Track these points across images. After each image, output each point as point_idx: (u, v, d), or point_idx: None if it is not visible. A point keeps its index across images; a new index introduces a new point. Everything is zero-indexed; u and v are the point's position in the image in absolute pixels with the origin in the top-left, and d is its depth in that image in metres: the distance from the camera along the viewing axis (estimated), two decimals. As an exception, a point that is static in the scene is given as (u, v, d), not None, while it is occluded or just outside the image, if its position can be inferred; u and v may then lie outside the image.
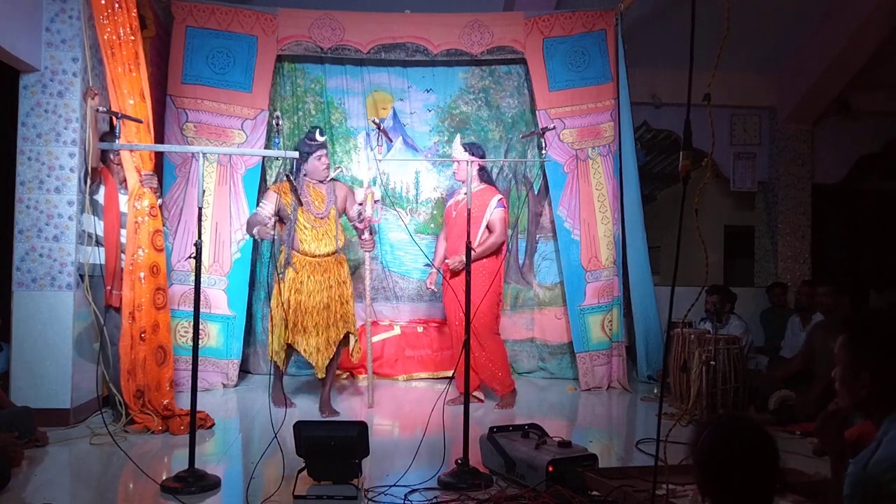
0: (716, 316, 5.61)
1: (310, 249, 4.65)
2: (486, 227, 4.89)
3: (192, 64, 5.50)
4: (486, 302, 4.69)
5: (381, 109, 6.17)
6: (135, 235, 4.21)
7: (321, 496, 3.04)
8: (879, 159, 8.01)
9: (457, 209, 4.96)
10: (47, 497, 3.01)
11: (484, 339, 4.86)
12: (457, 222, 4.87)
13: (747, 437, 1.67)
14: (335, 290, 4.68)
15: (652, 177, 9.82)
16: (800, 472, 2.95)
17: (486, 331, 4.87)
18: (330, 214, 4.72)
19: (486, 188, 5.03)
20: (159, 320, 4.28)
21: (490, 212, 4.88)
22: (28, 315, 4.23)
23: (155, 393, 4.19)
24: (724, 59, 2.38)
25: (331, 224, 4.71)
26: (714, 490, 1.67)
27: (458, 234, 4.77)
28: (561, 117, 5.81)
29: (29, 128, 4.31)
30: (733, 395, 4.64)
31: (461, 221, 4.63)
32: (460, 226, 4.65)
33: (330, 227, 4.70)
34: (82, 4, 4.31)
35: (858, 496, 1.67)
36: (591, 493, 2.95)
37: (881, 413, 1.74)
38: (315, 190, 4.74)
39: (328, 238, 4.69)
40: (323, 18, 5.76)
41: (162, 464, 3.62)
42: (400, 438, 4.23)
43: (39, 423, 3.84)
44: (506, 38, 5.86)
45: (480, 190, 4.94)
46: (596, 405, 5.37)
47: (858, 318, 1.86)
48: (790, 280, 7.45)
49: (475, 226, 4.79)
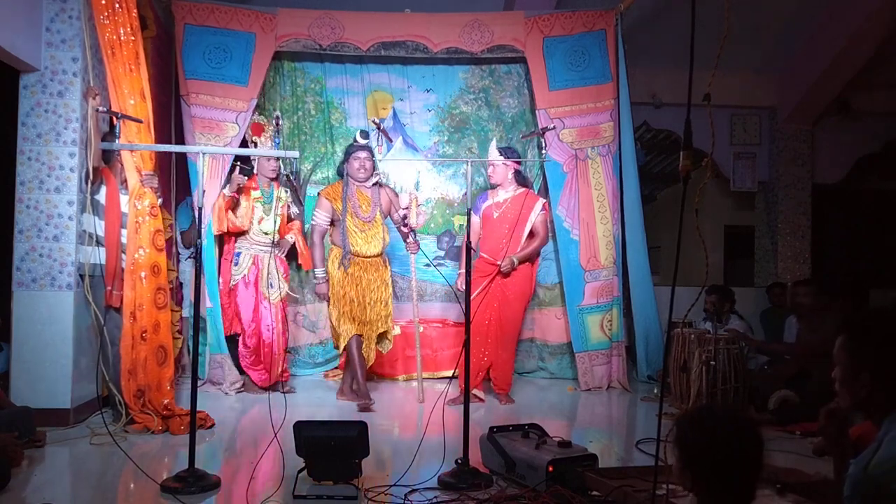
0: (715, 316, 5.61)
1: (361, 251, 4.98)
2: (530, 232, 5.06)
3: (188, 60, 5.49)
4: (521, 306, 5.10)
5: (381, 109, 6.17)
6: (135, 235, 4.21)
7: (321, 496, 3.04)
8: (879, 159, 8.00)
9: (499, 211, 5.09)
10: (47, 497, 3.00)
11: (510, 341, 5.14)
12: (497, 224, 5.05)
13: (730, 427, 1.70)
14: (380, 291, 5.04)
15: (652, 177, 9.82)
16: (800, 472, 2.94)
17: (514, 333, 5.18)
18: (375, 218, 5.01)
19: (527, 191, 5.18)
20: (160, 320, 4.28)
21: (535, 216, 5.05)
22: (28, 315, 4.23)
23: (155, 393, 4.19)
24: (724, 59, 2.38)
25: (377, 227, 5.01)
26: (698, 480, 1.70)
27: (501, 234, 5.00)
28: (561, 117, 5.81)
29: (29, 128, 4.31)
30: (733, 395, 4.64)
31: (502, 223, 5.01)
32: (502, 228, 4.99)
33: (376, 229, 5.00)
34: (82, 4, 4.30)
35: (859, 497, 1.67)
36: (591, 493, 2.95)
37: (881, 413, 1.74)
38: (361, 194, 5.01)
39: (376, 240, 5.00)
40: (322, 18, 5.76)
41: (162, 464, 3.61)
42: (400, 438, 4.23)
43: (39, 423, 3.83)
44: (506, 38, 5.87)
45: (521, 193, 5.08)
46: (596, 405, 5.37)
47: (858, 318, 1.86)
48: (790, 280, 7.44)
49: (519, 228, 5.01)
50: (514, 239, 4.96)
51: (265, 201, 5.25)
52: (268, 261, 5.16)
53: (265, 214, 5.23)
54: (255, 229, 5.22)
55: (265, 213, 5.23)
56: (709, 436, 1.69)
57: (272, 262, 5.18)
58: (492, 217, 5.11)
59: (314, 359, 6.08)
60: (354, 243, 4.95)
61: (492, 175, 5.14)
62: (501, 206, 5.08)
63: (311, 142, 6.14)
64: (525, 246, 5.01)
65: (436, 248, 6.22)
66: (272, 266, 5.18)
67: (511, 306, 5.06)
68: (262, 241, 5.22)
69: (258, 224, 5.21)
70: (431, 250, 6.19)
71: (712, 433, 1.69)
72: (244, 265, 5.22)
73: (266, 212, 5.24)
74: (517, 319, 5.15)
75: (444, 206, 6.26)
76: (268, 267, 5.15)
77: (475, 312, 4.59)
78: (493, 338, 5.07)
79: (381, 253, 5.07)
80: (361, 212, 4.97)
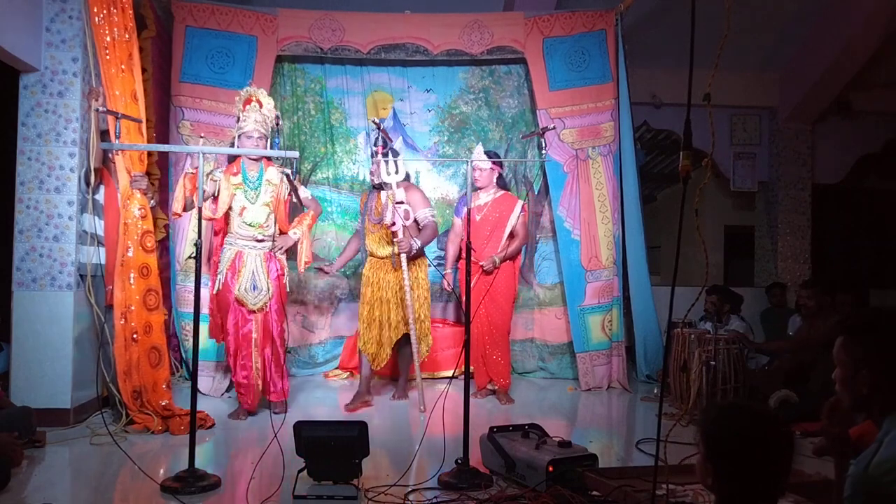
0: (715, 316, 5.62)
1: (375, 252, 4.99)
2: (510, 233, 5.17)
3: (190, 63, 5.50)
4: (507, 304, 5.19)
5: (381, 109, 6.17)
6: (124, 236, 4.20)
7: (321, 496, 3.04)
8: (879, 159, 8.01)
9: (481, 213, 5.19)
10: (47, 497, 3.00)
11: (501, 338, 5.20)
12: (481, 226, 5.15)
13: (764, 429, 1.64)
14: (399, 293, 4.90)
15: (652, 177, 9.83)
16: (800, 472, 2.94)
17: (505, 330, 5.25)
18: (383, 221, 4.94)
19: (506, 194, 5.34)
20: (152, 321, 4.28)
21: (515, 218, 5.16)
22: (28, 315, 4.24)
23: (152, 394, 4.19)
24: (724, 59, 2.38)
25: (385, 229, 4.91)
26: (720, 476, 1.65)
27: (483, 237, 5.11)
28: (561, 117, 5.81)
29: (29, 128, 4.31)
30: (733, 395, 4.64)
31: (484, 225, 5.15)
32: (483, 230, 5.13)
33: (386, 231, 4.91)
34: (82, 4, 4.30)
35: (859, 497, 1.66)
36: (591, 493, 2.95)
37: (882, 413, 1.74)
38: (378, 197, 4.99)
39: (385, 241, 4.94)
40: (323, 19, 5.76)
41: (162, 464, 3.61)
42: (400, 438, 4.22)
43: (39, 423, 3.83)
44: (506, 38, 5.86)
45: (501, 196, 5.26)
46: (596, 405, 5.37)
47: (858, 317, 1.86)
48: (790, 280, 7.45)
49: (499, 230, 5.16)
50: (495, 240, 5.13)
51: (250, 187, 4.46)
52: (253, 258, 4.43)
53: (249, 202, 4.43)
54: (236, 221, 4.44)
55: (249, 200, 4.44)
56: (741, 435, 1.63)
57: (258, 260, 4.43)
58: (474, 220, 5.16)
59: (314, 359, 6.08)
60: (368, 243, 5.03)
61: (478, 179, 5.18)
62: (483, 208, 5.21)
63: (311, 142, 6.14)
64: (506, 246, 5.13)
65: (436, 248, 6.22)
66: (257, 264, 4.42)
67: (499, 305, 5.16)
68: (246, 234, 4.43)
69: (239, 215, 4.42)
70: (431, 250, 6.17)
71: (744, 432, 1.63)
72: (224, 264, 4.45)
73: (251, 199, 4.44)
74: (506, 317, 5.25)
75: (444, 206, 6.25)
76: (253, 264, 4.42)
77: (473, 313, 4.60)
78: (485, 338, 5.17)
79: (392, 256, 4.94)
80: (374, 214, 4.99)
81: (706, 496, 2.60)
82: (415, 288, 4.89)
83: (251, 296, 4.40)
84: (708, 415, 1.75)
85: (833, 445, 1.95)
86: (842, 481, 1.76)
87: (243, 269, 4.41)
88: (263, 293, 4.43)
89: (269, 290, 4.44)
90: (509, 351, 5.36)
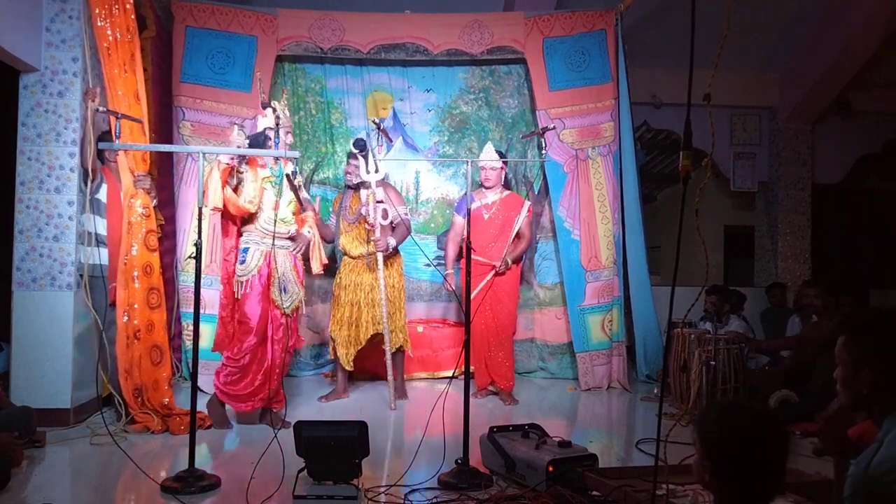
0: (715, 316, 5.62)
1: (349, 251, 5.01)
2: (517, 233, 5.17)
3: (191, 63, 5.50)
4: (512, 304, 5.23)
5: (381, 109, 6.17)
6: (127, 235, 4.21)
7: (321, 496, 3.04)
8: (879, 159, 8.01)
9: (489, 212, 5.20)
10: (47, 497, 3.01)
11: (507, 339, 5.22)
12: (489, 225, 5.16)
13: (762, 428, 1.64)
14: (371, 293, 4.92)
15: (652, 177, 9.83)
16: (800, 472, 2.95)
17: (510, 331, 5.27)
18: (360, 220, 4.97)
19: (512, 194, 5.38)
20: (154, 320, 4.28)
21: (522, 218, 5.17)
22: (28, 315, 4.23)
23: (153, 392, 4.19)
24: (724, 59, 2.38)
25: (361, 228, 4.95)
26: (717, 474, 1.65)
27: (490, 236, 5.12)
28: (561, 117, 5.81)
29: (29, 128, 4.31)
30: (733, 395, 4.65)
31: (492, 225, 5.16)
32: (491, 229, 5.14)
33: (360, 231, 4.94)
34: (82, 4, 4.30)
35: (859, 497, 1.66)
36: (591, 493, 2.95)
37: (882, 412, 1.74)
38: (355, 196, 5.02)
39: (359, 241, 4.96)
40: (323, 19, 5.76)
41: (162, 464, 3.61)
42: (400, 438, 4.22)
43: (39, 423, 3.83)
44: (506, 38, 5.86)
45: (508, 196, 5.28)
46: (596, 405, 5.37)
47: (858, 317, 1.86)
48: (790, 280, 7.45)
49: (506, 231, 5.16)
50: (502, 239, 5.13)
51: (276, 181, 4.20)
52: (283, 258, 4.20)
53: (278, 197, 4.17)
54: (266, 217, 4.14)
55: (277, 195, 4.17)
56: (740, 434, 1.63)
57: (287, 261, 4.21)
58: (482, 218, 5.16)
59: (315, 359, 6.08)
60: (343, 242, 5.05)
61: (489, 179, 5.18)
62: (491, 207, 5.21)
63: (311, 142, 6.13)
64: (513, 247, 5.13)
65: (436, 248, 6.22)
66: (287, 265, 4.20)
67: (504, 306, 5.18)
68: (277, 231, 4.14)
69: (273, 210, 4.15)
70: (432, 250, 6.18)
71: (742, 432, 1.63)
72: (252, 264, 4.14)
73: (278, 194, 4.18)
74: (512, 317, 5.27)
75: (444, 206, 6.25)
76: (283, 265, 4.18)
77: (474, 313, 4.61)
78: (490, 339, 5.16)
79: (366, 255, 4.93)
80: (349, 213, 5.04)
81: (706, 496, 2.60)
82: (389, 286, 4.93)
83: (283, 298, 4.15)
84: (707, 415, 1.76)
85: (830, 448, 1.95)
86: (842, 481, 1.76)
87: (276, 269, 4.14)
88: (295, 296, 4.26)
89: (299, 293, 4.28)
90: (513, 352, 5.36)
